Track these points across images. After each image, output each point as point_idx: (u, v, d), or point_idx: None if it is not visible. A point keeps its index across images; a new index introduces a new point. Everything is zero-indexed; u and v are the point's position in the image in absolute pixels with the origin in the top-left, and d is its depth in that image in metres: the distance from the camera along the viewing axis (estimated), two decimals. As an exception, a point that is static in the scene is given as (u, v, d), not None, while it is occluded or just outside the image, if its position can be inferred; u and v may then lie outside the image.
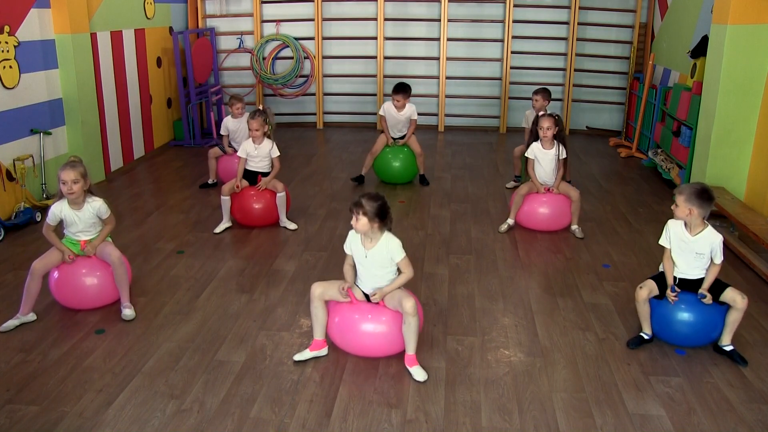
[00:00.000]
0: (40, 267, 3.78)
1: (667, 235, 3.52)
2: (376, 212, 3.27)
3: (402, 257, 3.34)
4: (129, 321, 3.83)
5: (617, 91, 9.16)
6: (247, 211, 5.29)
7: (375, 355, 3.44)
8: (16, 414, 2.97)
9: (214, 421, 2.94)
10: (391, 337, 3.35)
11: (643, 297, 3.49)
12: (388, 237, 3.36)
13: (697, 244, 3.40)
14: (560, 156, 5.18)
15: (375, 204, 3.27)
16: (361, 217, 3.27)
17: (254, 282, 4.39)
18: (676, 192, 3.46)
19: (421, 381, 3.26)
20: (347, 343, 3.41)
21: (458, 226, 5.50)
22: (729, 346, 3.45)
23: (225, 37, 9.47)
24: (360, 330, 3.36)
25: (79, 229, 3.89)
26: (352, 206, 3.29)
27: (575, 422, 2.95)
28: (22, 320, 3.79)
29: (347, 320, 3.38)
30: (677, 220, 3.48)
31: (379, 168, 6.80)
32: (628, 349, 3.53)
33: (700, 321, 3.42)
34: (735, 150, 5.61)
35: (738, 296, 3.35)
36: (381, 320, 3.34)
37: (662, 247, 3.56)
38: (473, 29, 9.19)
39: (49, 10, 6.08)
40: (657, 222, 5.64)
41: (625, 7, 8.84)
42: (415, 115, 6.64)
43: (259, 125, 5.20)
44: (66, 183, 3.73)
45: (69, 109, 6.36)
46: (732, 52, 5.44)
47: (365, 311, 3.38)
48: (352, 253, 3.44)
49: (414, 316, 3.25)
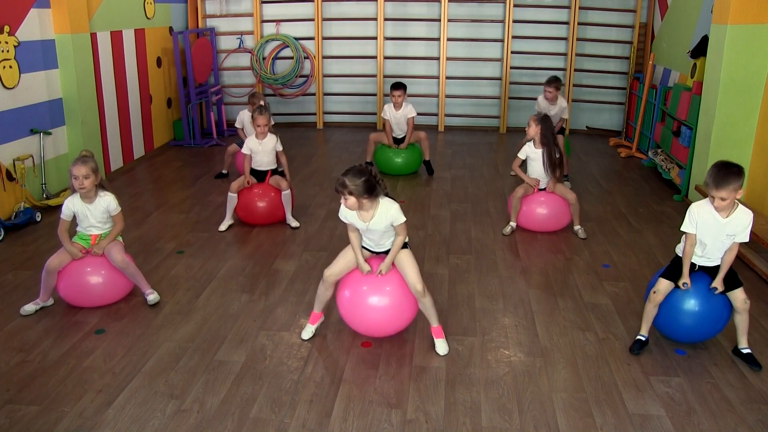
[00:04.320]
0: (55, 264, 3.85)
1: (692, 220, 3.32)
2: (363, 189, 3.19)
3: (402, 221, 3.35)
4: (153, 305, 4.01)
5: (617, 91, 9.16)
6: (251, 209, 5.29)
7: (384, 333, 3.54)
8: (16, 414, 2.97)
9: (214, 421, 2.94)
10: (399, 311, 3.48)
11: (657, 301, 3.42)
12: (386, 204, 3.31)
13: (730, 225, 3.25)
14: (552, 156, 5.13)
15: (359, 180, 3.17)
16: (348, 198, 3.21)
17: (254, 282, 4.39)
18: (717, 187, 3.13)
19: (443, 354, 3.45)
20: (355, 319, 3.52)
21: (458, 226, 5.50)
22: (746, 348, 3.44)
23: (225, 37, 9.47)
24: (366, 305, 3.46)
25: (90, 223, 3.94)
26: (338, 186, 3.21)
27: (575, 422, 2.95)
28: (41, 305, 3.93)
29: (358, 298, 3.48)
30: (719, 211, 3.24)
31: (381, 161, 6.89)
32: (632, 354, 3.50)
33: (704, 313, 3.39)
34: (735, 150, 5.60)
35: (741, 300, 3.34)
36: (387, 294, 3.45)
37: (683, 233, 3.38)
38: (473, 29, 9.19)
39: (49, 10, 6.08)
40: (657, 222, 5.64)
41: (625, 7, 8.84)
42: (413, 113, 6.72)
43: (266, 120, 5.23)
44: (77, 178, 3.78)
45: (69, 109, 6.36)
46: (732, 52, 5.44)
47: (374, 291, 3.46)
48: (350, 222, 3.43)
49: (425, 296, 3.41)
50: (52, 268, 3.84)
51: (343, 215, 3.43)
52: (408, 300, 3.48)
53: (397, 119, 6.77)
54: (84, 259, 3.90)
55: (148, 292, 4.05)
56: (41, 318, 3.85)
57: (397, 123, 6.80)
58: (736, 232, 3.27)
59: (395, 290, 3.45)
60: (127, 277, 4.00)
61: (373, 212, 3.31)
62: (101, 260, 3.94)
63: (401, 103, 6.71)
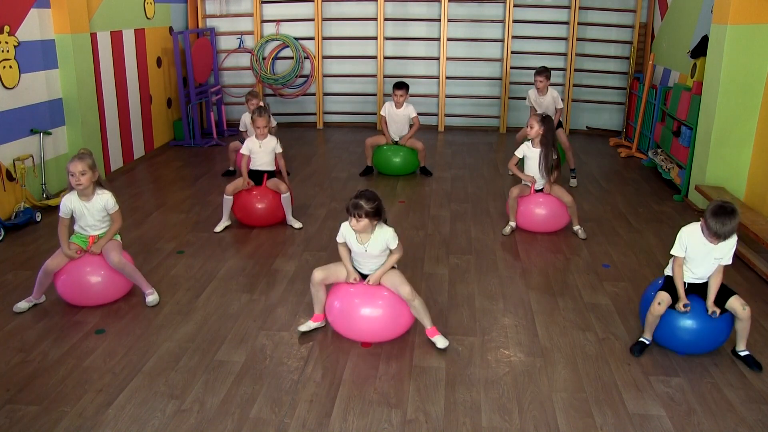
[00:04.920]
0: (53, 266, 3.84)
1: (682, 244, 3.41)
2: (375, 212, 3.38)
3: (396, 244, 3.52)
4: (153, 306, 4.00)
5: (617, 91, 9.16)
6: (250, 211, 5.29)
7: (377, 339, 3.57)
8: (16, 414, 2.97)
9: (214, 421, 2.94)
10: (391, 320, 3.51)
11: (660, 312, 3.40)
12: (381, 228, 3.49)
13: (718, 249, 3.35)
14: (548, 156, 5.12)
15: (373, 204, 3.38)
16: (362, 220, 3.38)
17: (254, 282, 4.39)
18: (717, 218, 3.20)
19: (443, 348, 3.50)
20: (350, 329, 3.54)
21: (458, 226, 5.50)
22: (744, 351, 3.44)
23: (225, 37, 9.47)
24: (360, 315, 3.50)
25: (88, 222, 3.92)
26: (351, 209, 3.38)
27: (575, 422, 2.95)
28: (34, 302, 3.94)
29: (348, 307, 3.52)
30: (697, 229, 3.36)
31: (379, 162, 6.90)
32: (632, 356, 3.50)
33: (706, 329, 3.38)
34: (735, 150, 5.61)
35: (739, 307, 3.33)
36: (378, 304, 3.49)
37: (672, 256, 3.46)
38: (473, 29, 9.18)
39: (49, 10, 6.08)
40: (657, 222, 5.64)
41: (625, 7, 8.84)
42: (414, 113, 6.73)
43: (265, 122, 5.25)
44: (74, 175, 3.75)
45: (69, 109, 6.36)
46: (732, 52, 5.44)
47: (365, 297, 3.51)
48: (346, 242, 3.58)
49: (414, 299, 3.46)
50: (49, 270, 3.83)
51: (342, 236, 3.57)
52: (401, 311, 3.53)
53: (397, 118, 6.77)
54: (83, 258, 3.90)
55: (148, 292, 4.04)
56: (41, 318, 3.85)
57: (397, 122, 6.79)
58: (723, 254, 3.37)
59: (387, 302, 3.50)
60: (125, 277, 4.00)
61: (371, 235, 3.48)
62: (100, 260, 3.94)
63: (402, 103, 6.72)
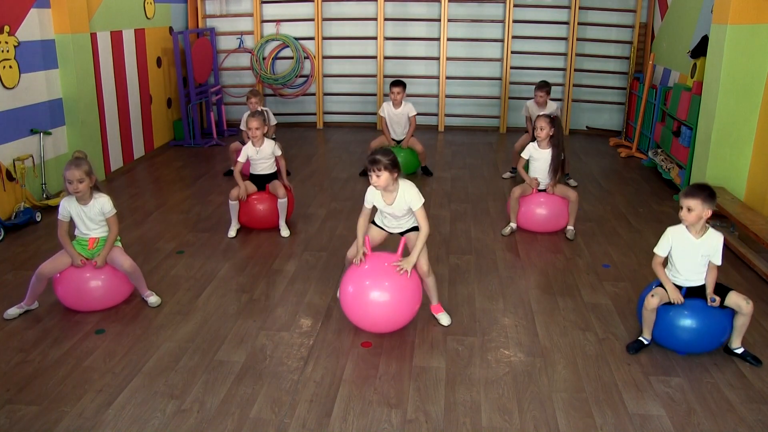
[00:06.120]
0: (47, 271, 3.80)
1: (668, 243, 3.42)
2: (392, 164, 3.46)
3: (419, 206, 3.56)
4: (155, 308, 4.00)
5: (617, 91, 9.16)
6: (251, 214, 5.26)
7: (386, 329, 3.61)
8: (16, 414, 2.97)
9: (214, 421, 2.94)
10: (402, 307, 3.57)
11: (653, 305, 3.40)
12: (404, 187, 3.56)
13: (704, 246, 3.35)
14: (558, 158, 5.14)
15: (389, 156, 3.46)
16: (382, 172, 3.44)
17: (254, 282, 4.39)
18: (685, 196, 3.28)
19: (446, 325, 3.71)
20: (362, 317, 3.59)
21: (458, 226, 5.50)
22: (740, 348, 3.44)
23: (225, 37, 9.47)
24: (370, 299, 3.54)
25: (86, 225, 3.90)
26: (370, 165, 3.46)
27: (575, 422, 2.95)
28: (25, 308, 3.90)
29: (360, 293, 3.56)
30: (686, 224, 3.36)
31: None
32: (629, 354, 3.50)
33: (707, 327, 3.37)
34: (735, 150, 5.61)
35: (743, 301, 3.32)
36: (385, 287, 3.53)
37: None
38: (473, 29, 9.19)
39: (49, 10, 6.08)
40: (657, 222, 5.64)
41: (625, 7, 8.84)
42: (413, 111, 6.72)
43: (259, 124, 5.14)
44: (72, 182, 3.72)
45: (69, 109, 6.36)
46: (732, 52, 5.44)
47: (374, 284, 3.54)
48: (374, 204, 3.65)
49: (429, 275, 3.66)
50: (43, 275, 3.78)
51: (369, 199, 3.65)
52: (410, 297, 3.57)
53: (396, 117, 6.75)
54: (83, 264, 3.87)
55: (147, 294, 4.03)
56: (41, 318, 3.85)
57: (396, 121, 6.78)
58: (710, 253, 3.38)
59: (397, 286, 3.54)
60: (126, 282, 3.97)
61: (395, 195, 3.55)
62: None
63: (400, 101, 6.70)
